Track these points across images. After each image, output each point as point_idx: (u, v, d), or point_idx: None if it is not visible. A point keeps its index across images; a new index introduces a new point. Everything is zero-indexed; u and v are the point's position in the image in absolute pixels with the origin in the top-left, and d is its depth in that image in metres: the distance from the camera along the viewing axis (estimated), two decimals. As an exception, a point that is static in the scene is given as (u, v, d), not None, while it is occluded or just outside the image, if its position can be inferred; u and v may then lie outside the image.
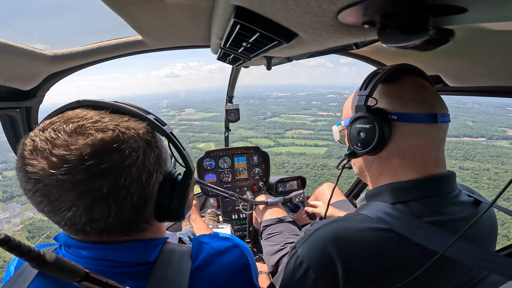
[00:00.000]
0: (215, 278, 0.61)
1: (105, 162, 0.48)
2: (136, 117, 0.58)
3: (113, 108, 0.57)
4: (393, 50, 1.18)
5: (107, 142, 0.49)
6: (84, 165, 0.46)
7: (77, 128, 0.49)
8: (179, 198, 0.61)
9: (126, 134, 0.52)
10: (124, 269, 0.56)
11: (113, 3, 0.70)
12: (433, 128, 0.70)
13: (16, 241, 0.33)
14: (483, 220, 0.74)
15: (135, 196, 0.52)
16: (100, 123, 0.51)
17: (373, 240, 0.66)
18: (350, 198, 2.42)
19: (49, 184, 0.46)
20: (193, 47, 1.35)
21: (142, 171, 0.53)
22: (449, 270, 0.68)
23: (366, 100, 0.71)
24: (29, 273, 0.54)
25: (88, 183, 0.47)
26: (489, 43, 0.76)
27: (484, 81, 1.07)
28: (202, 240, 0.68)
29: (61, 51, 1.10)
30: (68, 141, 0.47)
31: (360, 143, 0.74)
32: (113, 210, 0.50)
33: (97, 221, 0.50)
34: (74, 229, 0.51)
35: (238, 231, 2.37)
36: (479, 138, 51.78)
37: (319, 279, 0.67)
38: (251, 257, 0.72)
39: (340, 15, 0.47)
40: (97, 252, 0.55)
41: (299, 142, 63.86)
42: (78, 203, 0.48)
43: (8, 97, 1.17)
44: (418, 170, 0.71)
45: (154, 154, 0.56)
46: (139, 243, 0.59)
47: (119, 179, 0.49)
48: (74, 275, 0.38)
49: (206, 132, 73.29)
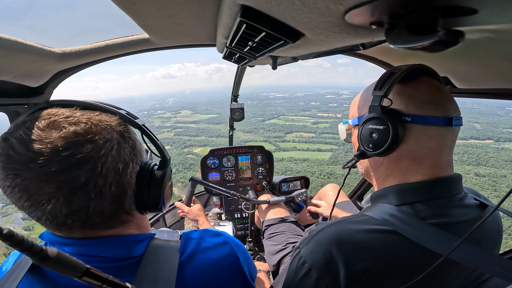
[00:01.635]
0: (202, 274, 0.61)
1: (80, 152, 0.49)
2: (107, 111, 0.59)
3: (83, 105, 0.58)
4: (401, 51, 1.17)
5: (80, 134, 0.50)
6: (59, 156, 0.47)
7: (49, 124, 0.50)
8: (155, 187, 0.63)
9: (99, 126, 0.53)
10: (108, 263, 0.56)
11: (121, 1, 0.70)
12: (447, 131, 0.69)
13: (19, 236, 0.33)
14: (488, 223, 0.73)
15: (113, 185, 0.53)
16: (72, 118, 0.52)
17: (377, 241, 0.65)
18: (354, 199, 2.41)
19: (27, 178, 0.47)
20: (199, 45, 1.35)
21: (118, 161, 0.54)
22: (451, 272, 0.67)
23: (382, 101, 0.70)
24: (20, 271, 0.55)
25: (65, 173, 0.48)
26: (498, 44, 0.74)
27: (493, 83, 1.05)
28: (191, 236, 0.68)
29: (70, 48, 1.11)
30: (42, 136, 0.48)
31: (372, 144, 0.73)
32: (93, 200, 0.51)
33: (78, 212, 0.51)
34: (56, 223, 0.52)
35: (240, 230, 2.37)
36: (486, 140, 50.85)
37: (320, 280, 0.66)
38: (243, 254, 0.71)
39: (347, 15, 0.47)
40: (79, 248, 0.55)
41: (301, 146, 62.90)
42: (57, 194, 0.48)
43: (17, 94, 1.19)
44: (426, 172, 0.70)
45: (128, 145, 0.58)
46: (121, 237, 0.59)
47: (96, 168, 0.50)
48: (75, 270, 0.38)
49: (202, 135, 72.07)
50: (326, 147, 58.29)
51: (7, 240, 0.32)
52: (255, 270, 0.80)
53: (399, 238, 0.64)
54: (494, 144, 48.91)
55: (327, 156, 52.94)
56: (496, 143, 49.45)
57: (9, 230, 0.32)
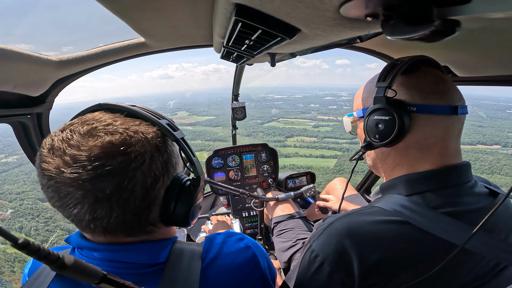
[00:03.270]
0: (224, 278, 0.61)
1: (110, 164, 0.49)
2: (148, 121, 0.59)
3: (128, 111, 0.59)
4: (399, 42, 1.16)
5: (115, 144, 0.50)
6: (91, 165, 0.48)
7: (90, 130, 0.52)
8: (184, 204, 0.61)
9: (134, 138, 0.53)
10: (134, 270, 0.57)
11: (114, 6, 0.70)
12: (452, 119, 0.69)
13: (36, 245, 0.33)
14: (499, 212, 0.71)
15: (138, 199, 0.53)
16: (111, 126, 0.53)
17: (389, 233, 0.65)
18: (361, 192, 2.40)
19: (60, 182, 0.49)
20: (196, 47, 1.35)
21: (147, 175, 0.54)
22: (467, 262, 0.67)
23: (386, 92, 0.70)
24: (47, 275, 0.56)
25: (93, 183, 0.48)
26: (496, 32, 0.73)
27: (494, 70, 1.05)
28: (214, 240, 0.68)
29: (66, 56, 1.12)
30: (80, 142, 0.50)
31: (378, 135, 0.73)
32: (115, 211, 0.51)
33: (100, 220, 0.52)
34: (81, 225, 0.53)
35: (249, 229, 2.37)
36: (493, 145, 48.55)
37: (334, 273, 0.66)
38: (264, 258, 0.71)
39: (342, 9, 0.47)
40: (108, 254, 0.56)
41: (303, 152, 58.04)
42: (83, 201, 0.49)
43: (19, 104, 1.20)
44: (434, 161, 0.70)
45: (162, 158, 0.57)
46: (148, 244, 0.60)
47: (123, 181, 0.50)
48: (92, 277, 0.38)
49: (199, 139, 68.29)
50: (330, 153, 54.63)
51: (23, 249, 0.33)
52: (275, 272, 0.80)
53: (411, 229, 0.64)
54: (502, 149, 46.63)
55: (331, 163, 48.82)
56: (503, 148, 47.28)
57: (25, 240, 0.33)
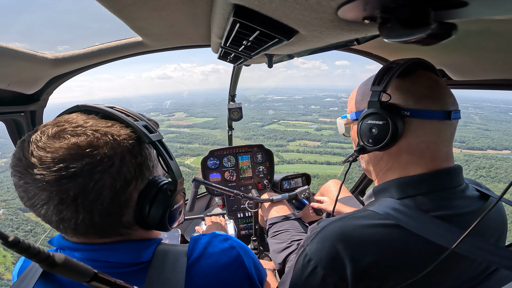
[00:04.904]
0: (209, 279, 0.61)
1: (74, 166, 0.49)
2: (123, 123, 0.58)
3: (104, 113, 0.58)
4: (395, 44, 1.17)
5: (80, 146, 0.50)
6: (55, 167, 0.48)
7: (58, 132, 0.52)
8: (159, 208, 0.60)
9: (102, 140, 0.52)
10: (116, 269, 0.56)
11: (112, 4, 0.70)
12: (445, 124, 0.69)
13: (26, 243, 0.33)
14: (492, 215, 0.72)
15: (106, 202, 0.52)
16: (80, 128, 0.53)
17: (381, 236, 0.65)
18: (355, 194, 2.41)
19: (28, 182, 0.49)
20: (194, 47, 1.35)
21: (116, 178, 0.53)
22: (458, 265, 0.67)
23: (380, 96, 0.70)
24: (32, 277, 0.55)
25: (57, 184, 0.48)
26: (491, 35, 0.74)
27: (489, 74, 1.06)
28: (199, 241, 0.68)
29: (62, 54, 1.11)
30: (47, 144, 0.50)
31: (372, 139, 0.73)
32: (81, 213, 0.51)
33: (68, 221, 0.52)
34: (52, 226, 0.54)
35: (244, 230, 2.37)
36: (503, 150, 47.67)
37: (327, 276, 0.66)
38: (250, 259, 0.71)
39: (340, 11, 0.47)
40: (88, 253, 0.56)
41: (307, 158, 54.65)
42: (49, 202, 0.50)
43: (12, 101, 1.18)
44: (426, 165, 0.70)
45: (135, 161, 0.56)
46: (128, 243, 0.60)
47: (88, 183, 0.50)
48: (83, 275, 0.38)
49: (196, 142, 65.80)
50: (336, 159, 51.44)
51: (13, 247, 0.32)
52: (264, 273, 0.80)
53: (403, 232, 0.64)
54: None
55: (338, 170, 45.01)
56: (514, 153, 46.40)
57: (15, 237, 0.32)
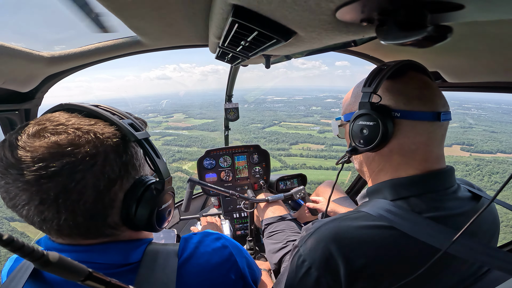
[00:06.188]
0: (201, 279, 0.60)
1: (54, 165, 0.47)
2: (108, 121, 0.57)
3: (88, 111, 0.57)
4: (391, 46, 1.18)
5: (60, 145, 0.48)
6: (34, 166, 0.47)
7: (39, 131, 0.50)
8: (146, 208, 0.58)
9: (84, 138, 0.51)
10: (105, 270, 0.54)
11: (109, 3, 0.69)
12: (435, 126, 0.70)
13: (20, 241, 0.33)
14: (483, 216, 0.73)
15: (89, 202, 0.51)
16: (62, 126, 0.51)
17: (374, 237, 0.66)
18: (351, 195, 2.43)
19: (8, 182, 0.48)
20: (191, 46, 1.34)
21: (100, 178, 0.51)
22: (451, 266, 0.68)
23: (371, 97, 0.71)
24: (21, 276, 0.54)
25: (37, 184, 0.47)
26: (486, 38, 0.75)
27: (484, 76, 1.07)
28: (190, 240, 0.67)
29: (58, 52, 1.10)
30: (27, 143, 0.49)
31: (363, 140, 0.74)
32: (63, 214, 0.50)
33: (50, 222, 0.50)
34: (35, 227, 0.52)
35: (239, 230, 2.37)
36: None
37: (321, 277, 0.67)
38: (243, 258, 0.71)
39: (338, 13, 0.47)
40: (76, 255, 0.54)
41: (311, 162, 52.67)
42: (30, 203, 0.48)
43: (7, 99, 1.17)
44: (418, 167, 0.71)
45: (120, 160, 0.55)
46: (116, 244, 0.58)
47: (69, 183, 0.48)
48: (78, 274, 0.37)
49: (195, 145, 63.43)
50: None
51: (7, 246, 0.32)
52: (258, 273, 0.79)
53: (396, 233, 0.65)
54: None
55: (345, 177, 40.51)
56: (525, 157, 46.10)
57: (9, 236, 0.32)
